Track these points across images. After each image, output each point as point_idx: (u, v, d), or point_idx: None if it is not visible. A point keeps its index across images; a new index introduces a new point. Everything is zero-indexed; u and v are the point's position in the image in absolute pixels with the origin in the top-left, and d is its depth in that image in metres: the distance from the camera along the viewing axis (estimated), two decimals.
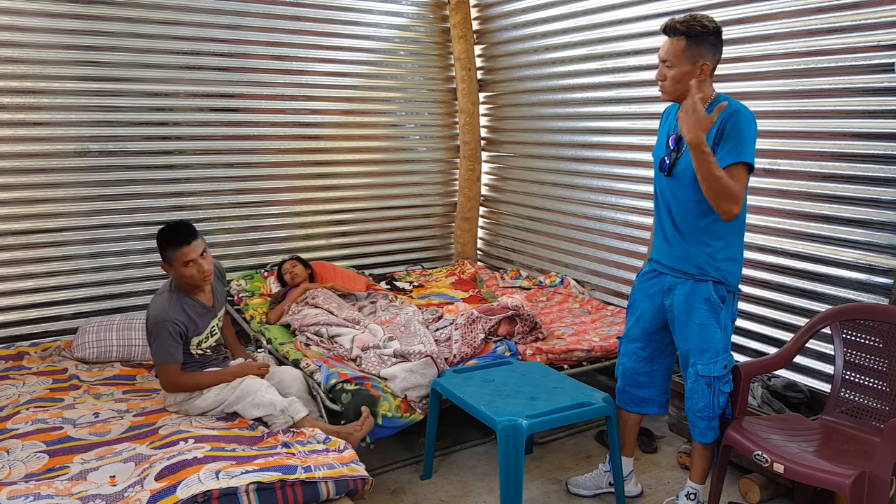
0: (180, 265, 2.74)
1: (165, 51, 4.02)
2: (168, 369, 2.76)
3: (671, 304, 2.52)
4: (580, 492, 2.89)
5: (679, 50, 2.29)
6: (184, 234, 2.76)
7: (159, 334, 2.72)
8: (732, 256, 2.44)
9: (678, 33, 2.29)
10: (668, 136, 2.50)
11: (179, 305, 2.79)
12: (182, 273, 2.76)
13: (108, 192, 3.97)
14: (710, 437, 2.50)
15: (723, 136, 2.28)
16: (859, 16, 2.82)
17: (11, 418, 2.75)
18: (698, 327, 2.43)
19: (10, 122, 3.67)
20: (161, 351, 2.73)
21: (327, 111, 4.67)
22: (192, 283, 2.79)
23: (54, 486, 2.25)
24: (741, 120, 2.26)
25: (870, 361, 2.55)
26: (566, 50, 4.40)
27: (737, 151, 2.24)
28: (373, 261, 5.07)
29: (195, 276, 2.76)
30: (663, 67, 2.35)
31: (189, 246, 2.73)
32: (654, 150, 2.61)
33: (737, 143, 2.25)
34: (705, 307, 2.42)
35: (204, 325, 2.88)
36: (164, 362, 2.75)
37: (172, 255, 2.73)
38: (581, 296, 4.35)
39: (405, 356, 3.14)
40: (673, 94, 2.38)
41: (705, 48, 2.30)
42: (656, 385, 2.70)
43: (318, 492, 2.29)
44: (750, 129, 2.28)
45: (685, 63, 2.30)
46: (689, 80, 2.27)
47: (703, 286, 2.42)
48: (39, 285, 3.85)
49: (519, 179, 5.04)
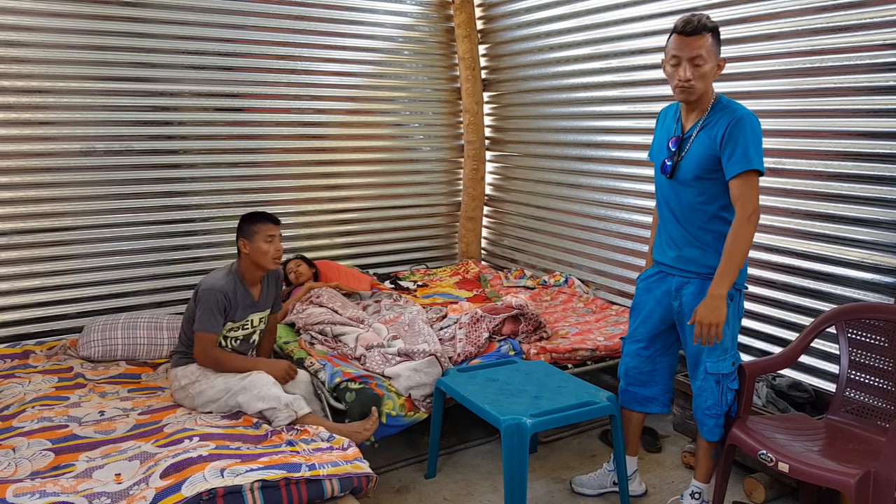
0: (262, 239, 2.90)
1: (170, 51, 4.03)
2: (205, 338, 2.87)
3: (680, 304, 2.52)
4: (584, 491, 2.89)
5: (709, 45, 2.27)
6: (271, 216, 3.00)
7: (208, 302, 2.84)
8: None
9: (707, 30, 2.26)
10: (667, 139, 2.49)
11: (233, 285, 2.93)
12: (259, 247, 2.91)
13: (113, 191, 3.98)
14: (718, 435, 2.51)
15: (728, 143, 2.27)
16: (863, 14, 2.82)
17: (17, 416, 2.76)
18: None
19: (16, 121, 3.69)
20: (204, 318, 2.84)
21: (332, 111, 4.68)
22: (264, 259, 2.93)
23: (60, 484, 2.25)
24: (746, 126, 2.26)
25: (875, 361, 2.55)
26: (570, 49, 4.40)
27: (745, 160, 2.25)
28: (377, 260, 5.08)
29: (270, 251, 2.93)
30: (691, 67, 2.28)
31: (276, 225, 2.97)
32: (652, 153, 2.61)
33: (743, 150, 2.25)
34: None
35: (243, 315, 2.97)
36: (204, 330, 2.85)
37: (259, 228, 2.91)
38: (585, 295, 4.35)
39: (409, 355, 3.14)
40: (699, 94, 2.34)
41: (720, 46, 2.32)
42: (659, 384, 2.70)
43: (323, 489, 2.29)
44: (754, 134, 2.27)
45: (713, 59, 2.30)
46: (712, 77, 2.30)
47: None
48: (45, 284, 3.86)
49: (523, 179, 5.04)
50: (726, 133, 2.28)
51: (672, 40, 2.32)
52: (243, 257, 2.96)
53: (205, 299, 2.85)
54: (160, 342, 3.53)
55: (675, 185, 2.46)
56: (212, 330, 2.86)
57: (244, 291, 2.97)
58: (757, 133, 2.28)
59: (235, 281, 2.95)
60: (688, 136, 2.41)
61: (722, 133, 2.29)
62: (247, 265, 2.97)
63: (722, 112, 2.34)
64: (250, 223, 2.94)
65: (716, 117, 2.34)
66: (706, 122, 2.36)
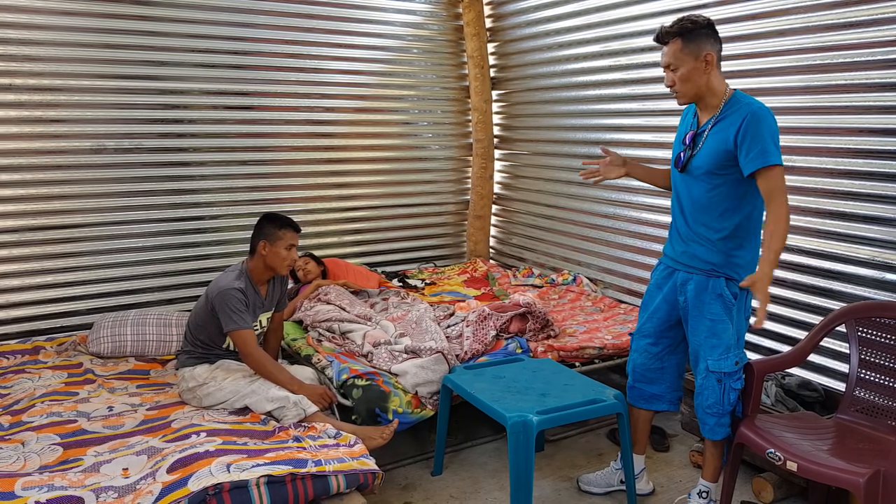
0: (283, 246, 2.92)
1: (181, 49, 4.06)
2: (240, 335, 2.83)
3: (684, 299, 2.52)
4: (591, 489, 2.88)
5: (677, 50, 2.33)
6: (295, 224, 2.99)
7: (229, 302, 2.82)
8: (747, 253, 2.43)
9: (671, 36, 2.34)
10: (685, 134, 2.50)
11: (245, 284, 2.92)
12: (279, 253, 2.92)
13: (123, 188, 4.01)
14: (720, 434, 2.49)
15: (744, 139, 2.26)
16: (875, 10, 2.79)
17: (27, 411, 2.79)
18: (710, 322, 2.43)
19: (27, 119, 3.72)
20: (233, 318, 2.81)
21: (341, 109, 4.70)
22: (280, 265, 2.95)
23: (68, 478, 2.27)
24: (761, 121, 2.25)
25: (885, 360, 2.52)
26: (579, 47, 4.39)
27: (763, 157, 2.23)
28: (385, 258, 5.09)
29: (288, 259, 2.95)
30: (669, 73, 2.38)
31: (298, 234, 2.99)
32: (674, 150, 2.61)
33: (761, 147, 2.23)
34: (717, 303, 2.41)
35: (254, 317, 2.96)
36: (237, 328, 2.82)
37: (282, 234, 2.92)
38: (594, 294, 4.34)
39: (416, 352, 3.14)
40: (688, 96, 2.39)
41: (702, 40, 2.32)
42: (667, 381, 2.69)
43: (329, 485, 2.30)
44: (770, 128, 2.26)
45: (688, 61, 2.33)
46: (698, 76, 2.32)
47: (716, 282, 2.42)
48: (55, 281, 3.90)
49: (532, 177, 5.03)
50: (741, 129, 2.27)
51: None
52: (258, 258, 2.95)
53: (224, 301, 2.81)
54: (169, 339, 3.55)
55: (687, 179, 2.47)
56: (244, 326, 2.82)
57: (254, 291, 2.97)
58: (772, 127, 2.27)
59: (246, 281, 2.94)
60: (702, 131, 2.42)
61: (736, 129, 2.28)
62: (259, 266, 2.96)
63: (736, 108, 2.33)
64: (275, 227, 2.93)
65: (730, 113, 2.34)
66: (720, 118, 2.37)
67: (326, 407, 2.89)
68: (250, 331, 2.85)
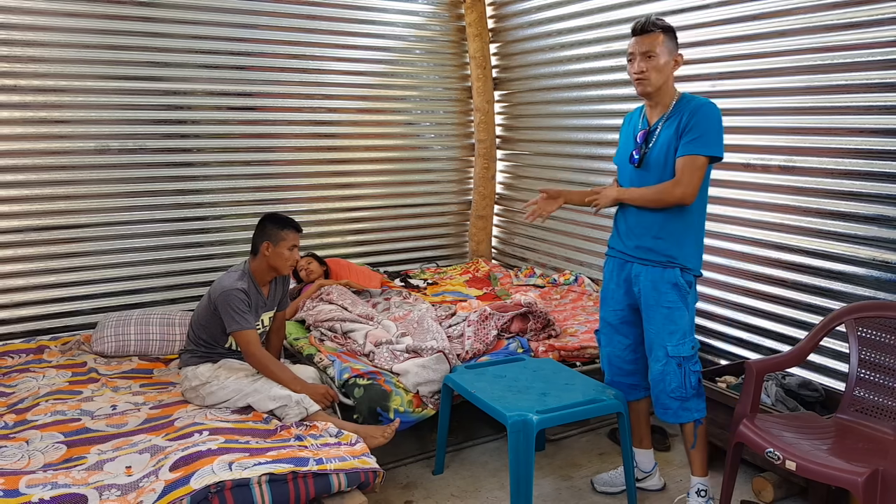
0: (286, 246, 2.94)
1: (184, 50, 4.08)
2: (243, 336, 2.85)
3: (639, 290, 2.61)
4: (608, 489, 2.88)
5: (660, 42, 2.45)
6: (297, 224, 3.01)
7: (232, 302, 2.83)
8: (696, 243, 2.58)
9: (657, 27, 2.46)
10: (633, 135, 2.62)
11: (248, 285, 2.93)
12: (282, 253, 2.94)
13: (127, 189, 4.03)
14: (685, 418, 2.58)
15: (687, 126, 2.42)
16: (876, 11, 2.79)
17: (31, 410, 2.81)
18: (666, 310, 2.53)
19: (31, 119, 3.74)
20: (235, 318, 2.83)
21: (344, 110, 4.71)
22: (282, 266, 2.98)
23: (71, 476, 2.29)
24: (704, 114, 2.42)
25: (885, 359, 2.52)
26: (581, 47, 4.39)
27: (698, 144, 2.41)
28: (388, 258, 5.10)
29: (290, 260, 2.98)
30: (642, 60, 2.46)
31: (300, 234, 3.01)
32: (617, 155, 2.75)
33: (698, 136, 2.41)
34: (674, 291, 2.53)
35: (256, 317, 2.97)
36: (239, 328, 2.84)
37: (285, 235, 2.94)
38: (595, 294, 4.34)
39: (418, 352, 3.15)
40: (655, 86, 2.50)
41: (675, 44, 2.50)
42: (642, 371, 2.76)
43: (330, 484, 2.31)
44: (713, 122, 2.43)
45: (666, 54, 2.46)
46: (668, 71, 2.47)
47: (671, 272, 2.54)
48: (59, 281, 3.92)
49: (534, 178, 5.04)
50: (688, 119, 2.43)
51: (630, 43, 2.51)
52: (261, 258, 2.96)
53: (227, 302, 2.83)
54: (172, 338, 3.57)
55: (642, 173, 2.59)
56: (247, 326, 2.85)
57: (256, 291, 2.99)
58: (715, 121, 2.43)
59: (249, 281, 2.96)
60: (654, 128, 2.56)
61: (685, 121, 2.44)
62: (262, 267, 2.98)
63: (686, 104, 2.49)
64: (278, 227, 2.94)
65: (680, 109, 2.49)
66: (671, 115, 2.51)
67: (328, 406, 2.90)
68: (253, 331, 2.87)
